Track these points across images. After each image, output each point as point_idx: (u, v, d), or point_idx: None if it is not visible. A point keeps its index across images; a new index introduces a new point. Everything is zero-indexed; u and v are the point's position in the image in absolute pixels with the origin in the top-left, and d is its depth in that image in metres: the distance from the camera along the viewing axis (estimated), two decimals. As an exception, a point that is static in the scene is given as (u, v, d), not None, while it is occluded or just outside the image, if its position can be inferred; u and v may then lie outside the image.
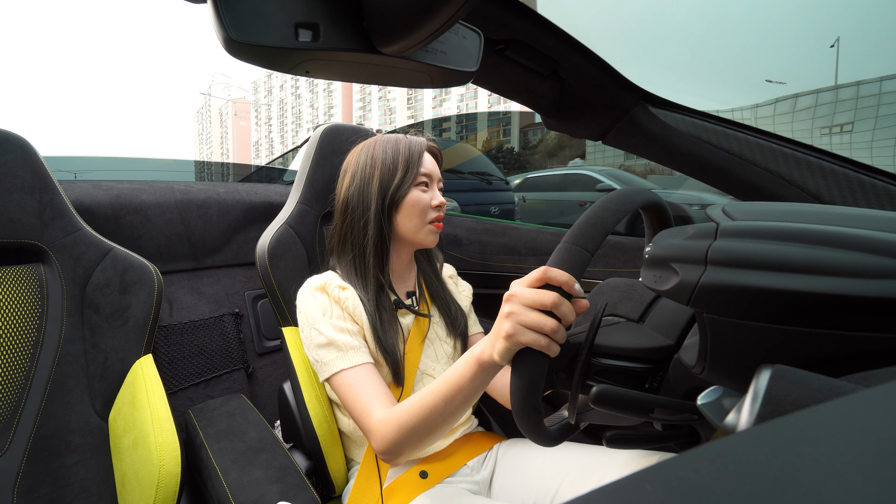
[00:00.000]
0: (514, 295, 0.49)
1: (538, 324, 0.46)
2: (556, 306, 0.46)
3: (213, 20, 0.32)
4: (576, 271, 0.47)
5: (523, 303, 0.48)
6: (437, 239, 0.88)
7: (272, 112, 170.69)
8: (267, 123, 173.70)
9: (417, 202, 0.85)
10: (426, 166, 0.87)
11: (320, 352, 0.77)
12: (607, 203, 0.49)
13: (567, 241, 0.48)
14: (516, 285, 0.50)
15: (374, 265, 0.85)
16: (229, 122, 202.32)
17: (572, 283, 0.46)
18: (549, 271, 0.47)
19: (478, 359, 0.55)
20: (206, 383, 1.26)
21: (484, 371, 0.56)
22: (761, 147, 0.66)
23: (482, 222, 1.38)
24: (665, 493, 0.13)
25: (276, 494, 0.74)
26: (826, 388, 0.24)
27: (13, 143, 0.79)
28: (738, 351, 0.39)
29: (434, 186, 0.89)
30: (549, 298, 0.46)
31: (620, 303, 0.64)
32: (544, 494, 0.79)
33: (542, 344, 0.46)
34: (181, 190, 1.32)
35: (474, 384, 0.57)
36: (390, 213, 0.85)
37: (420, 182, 0.86)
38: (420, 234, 0.86)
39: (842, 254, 0.34)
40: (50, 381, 0.78)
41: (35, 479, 0.73)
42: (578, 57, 0.66)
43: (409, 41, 0.35)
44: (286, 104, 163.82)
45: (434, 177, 0.88)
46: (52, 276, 0.82)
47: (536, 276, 0.48)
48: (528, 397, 0.46)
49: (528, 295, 0.48)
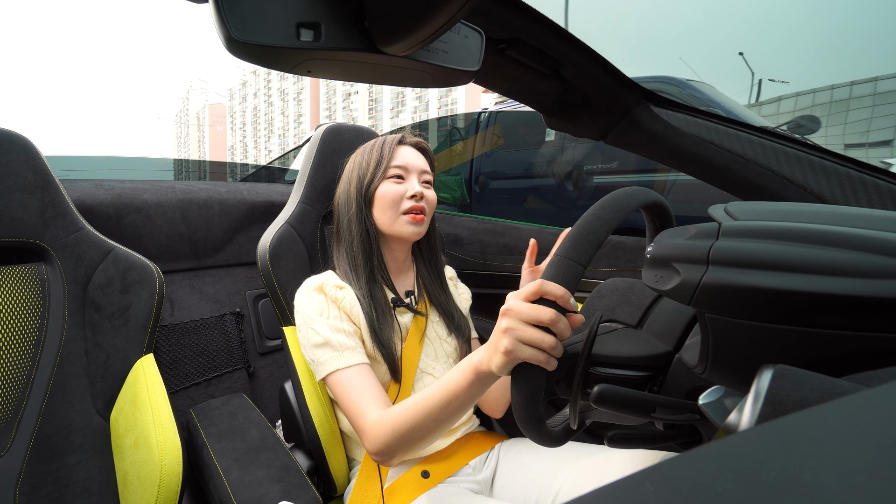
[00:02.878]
0: (511, 310, 0.49)
1: (536, 340, 0.47)
2: (553, 323, 0.46)
3: (215, 19, 0.32)
4: (570, 286, 0.47)
5: (520, 318, 0.48)
6: (417, 231, 0.87)
7: (246, 118, 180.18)
8: (241, 129, 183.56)
9: (387, 194, 0.85)
10: (401, 159, 0.88)
11: (316, 352, 0.77)
12: (599, 211, 0.48)
13: (559, 255, 0.48)
14: (512, 299, 0.50)
15: (364, 263, 0.86)
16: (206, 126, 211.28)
17: (567, 298, 0.47)
18: (544, 285, 0.47)
19: (475, 368, 0.55)
20: (207, 383, 1.26)
21: (481, 381, 0.56)
22: (763, 146, 0.66)
23: (483, 222, 1.38)
24: (667, 493, 0.13)
25: (278, 494, 0.74)
26: (828, 387, 0.24)
27: (15, 143, 0.79)
28: (740, 351, 0.39)
29: (411, 178, 0.88)
30: (546, 315, 0.46)
31: (619, 307, 0.64)
32: (546, 494, 0.79)
33: (541, 359, 0.47)
34: (183, 189, 1.32)
35: (470, 392, 0.58)
36: (368, 209, 0.87)
37: (392, 175, 0.87)
38: (396, 226, 0.86)
39: (844, 254, 0.33)
40: (51, 380, 0.78)
41: (37, 479, 0.73)
42: (580, 56, 0.66)
43: (411, 41, 0.35)
44: (259, 111, 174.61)
45: (412, 169, 0.88)
46: (54, 275, 0.82)
47: (532, 290, 0.48)
48: (530, 408, 0.46)
49: (525, 311, 0.48)
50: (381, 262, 0.89)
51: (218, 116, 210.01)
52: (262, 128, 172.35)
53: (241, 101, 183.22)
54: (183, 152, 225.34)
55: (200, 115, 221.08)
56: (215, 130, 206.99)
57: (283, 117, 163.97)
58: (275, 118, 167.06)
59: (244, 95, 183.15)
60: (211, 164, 4.89)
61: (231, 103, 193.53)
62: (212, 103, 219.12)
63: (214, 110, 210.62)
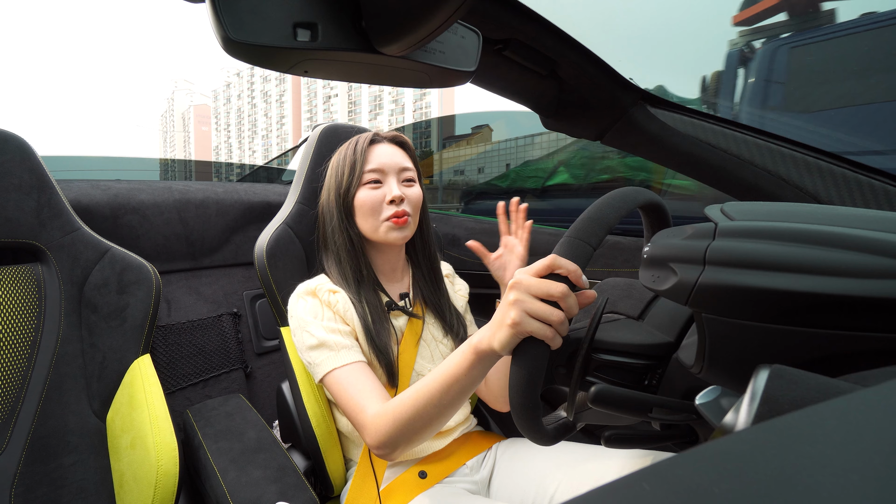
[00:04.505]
0: (521, 282, 0.48)
1: (545, 314, 0.45)
2: (564, 297, 0.45)
3: (212, 19, 0.32)
4: (580, 264, 0.46)
5: (530, 291, 0.47)
6: (402, 235, 0.84)
7: (231, 119, 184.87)
8: (226, 129, 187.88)
9: (365, 202, 0.83)
10: (375, 161, 0.84)
11: (312, 353, 0.77)
12: (610, 200, 0.49)
13: (570, 236, 0.47)
14: (522, 273, 0.49)
15: (353, 271, 0.85)
16: (191, 127, 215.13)
17: (579, 274, 0.46)
18: (557, 260, 0.46)
19: (475, 348, 0.54)
20: (204, 383, 1.26)
21: (481, 361, 0.54)
22: (760, 147, 0.66)
23: (481, 222, 1.38)
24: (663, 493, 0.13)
25: (275, 494, 0.74)
26: (824, 387, 0.24)
27: (11, 143, 0.79)
28: (737, 351, 0.39)
29: (389, 181, 0.84)
30: (557, 289, 0.45)
31: (620, 301, 0.65)
32: (543, 494, 0.79)
33: (548, 335, 0.46)
34: (179, 190, 1.32)
35: (471, 375, 0.56)
36: (350, 219, 0.85)
37: (368, 181, 0.83)
38: (380, 233, 0.84)
39: (840, 254, 0.34)
40: (47, 381, 0.78)
41: (32, 480, 0.73)
42: (577, 56, 0.66)
43: (408, 41, 0.35)
44: (243, 112, 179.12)
45: (388, 169, 0.84)
46: (50, 275, 0.82)
47: (545, 265, 0.47)
48: (528, 391, 0.45)
49: (536, 284, 0.47)
50: (369, 269, 0.87)
51: (203, 117, 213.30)
52: (246, 129, 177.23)
53: (226, 102, 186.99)
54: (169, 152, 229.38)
55: (186, 116, 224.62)
56: (200, 131, 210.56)
57: (266, 119, 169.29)
58: (258, 119, 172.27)
59: (228, 97, 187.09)
60: (196, 164, 4.97)
61: (216, 104, 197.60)
62: (197, 104, 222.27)
63: (199, 111, 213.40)
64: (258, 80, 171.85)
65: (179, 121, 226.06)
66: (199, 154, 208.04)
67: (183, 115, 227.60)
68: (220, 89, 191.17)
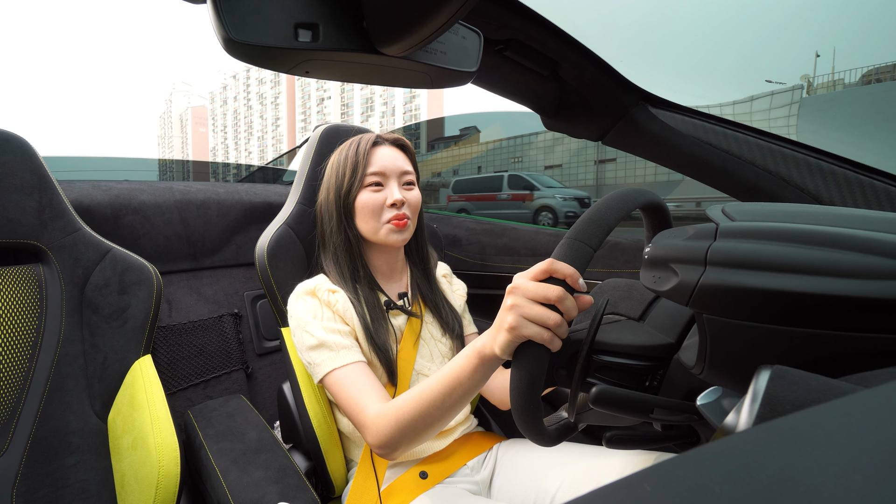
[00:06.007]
0: (518, 287, 0.49)
1: (542, 317, 0.46)
2: (561, 300, 0.46)
3: (213, 20, 0.32)
4: (579, 266, 0.46)
5: (527, 295, 0.47)
6: (402, 238, 0.85)
7: (227, 121, 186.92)
8: (223, 131, 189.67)
9: (366, 205, 0.83)
10: (377, 164, 0.84)
11: (312, 354, 0.77)
12: (610, 201, 0.49)
13: (570, 238, 0.47)
14: (520, 277, 0.49)
15: (351, 271, 0.85)
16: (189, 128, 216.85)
17: (577, 277, 0.46)
18: (554, 264, 0.46)
19: (479, 352, 0.55)
20: (205, 384, 1.26)
21: (485, 365, 0.55)
22: (761, 147, 0.66)
23: (481, 223, 1.38)
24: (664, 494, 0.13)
25: (276, 495, 0.74)
26: (825, 388, 0.24)
27: (12, 144, 0.79)
28: (738, 351, 0.39)
29: (391, 184, 0.85)
30: (553, 292, 0.46)
31: (621, 301, 0.64)
32: (544, 494, 0.79)
33: (545, 338, 0.46)
34: (180, 190, 1.32)
35: (474, 378, 0.57)
36: (350, 220, 0.86)
37: (370, 183, 0.84)
38: (380, 236, 0.84)
39: (841, 255, 0.34)
40: (49, 381, 0.78)
41: (34, 480, 0.73)
42: (578, 57, 0.66)
43: (409, 41, 0.35)
44: (239, 114, 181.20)
45: (390, 172, 0.84)
46: (51, 276, 0.82)
47: (542, 269, 0.47)
48: (529, 392, 0.45)
49: (533, 288, 0.47)
50: (366, 269, 0.88)
51: (200, 118, 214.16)
52: (242, 130, 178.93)
53: (223, 104, 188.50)
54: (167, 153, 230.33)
55: (184, 117, 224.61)
56: (198, 132, 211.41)
57: (261, 120, 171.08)
58: (254, 121, 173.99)
59: (225, 99, 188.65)
60: (194, 164, 5.12)
61: (212, 106, 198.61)
62: (194, 105, 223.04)
63: (197, 112, 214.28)
64: (254, 82, 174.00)
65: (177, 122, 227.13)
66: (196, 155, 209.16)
67: (181, 117, 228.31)
68: (216, 91, 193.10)
